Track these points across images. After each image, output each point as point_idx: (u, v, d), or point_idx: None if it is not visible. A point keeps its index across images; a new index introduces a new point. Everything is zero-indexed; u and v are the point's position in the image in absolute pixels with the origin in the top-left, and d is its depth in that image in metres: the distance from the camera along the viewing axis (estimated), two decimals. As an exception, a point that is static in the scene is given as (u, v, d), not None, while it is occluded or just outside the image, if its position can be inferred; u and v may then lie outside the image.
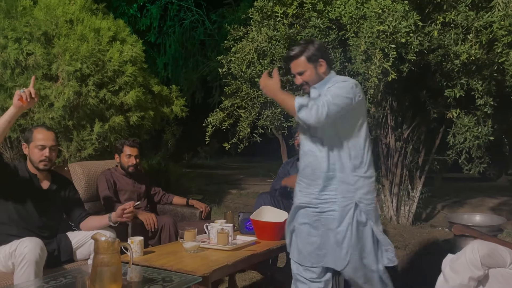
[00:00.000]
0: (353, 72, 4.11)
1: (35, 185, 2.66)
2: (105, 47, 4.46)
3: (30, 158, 2.65)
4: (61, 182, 2.84)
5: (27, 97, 2.29)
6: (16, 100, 2.29)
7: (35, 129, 2.67)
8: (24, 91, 2.29)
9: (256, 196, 4.94)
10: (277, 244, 2.90)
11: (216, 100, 10.10)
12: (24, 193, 2.60)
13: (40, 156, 2.62)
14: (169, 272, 2.25)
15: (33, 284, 2.13)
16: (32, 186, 2.65)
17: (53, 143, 2.68)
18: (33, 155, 2.63)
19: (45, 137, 2.65)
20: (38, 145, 2.62)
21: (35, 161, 2.63)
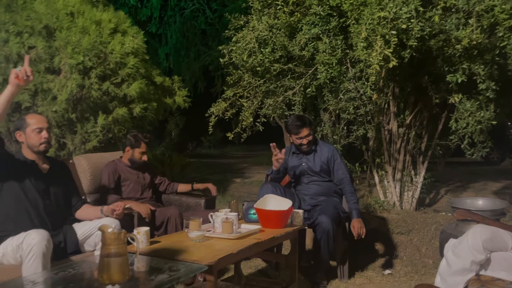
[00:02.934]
0: (354, 59, 4.11)
1: (35, 170, 2.69)
2: (107, 39, 4.47)
3: (28, 143, 2.67)
4: (58, 165, 2.90)
5: (23, 75, 2.31)
6: (12, 78, 2.32)
7: (26, 116, 2.71)
8: (20, 69, 2.31)
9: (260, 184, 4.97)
10: (281, 232, 2.93)
11: (219, 89, 10.09)
12: (27, 179, 2.63)
13: (39, 139, 2.66)
14: (175, 262, 2.27)
15: (42, 276, 2.16)
16: (33, 171, 2.68)
17: (48, 125, 2.73)
18: (31, 140, 2.66)
19: (39, 120, 2.70)
20: (36, 129, 2.65)
21: (34, 145, 2.66)
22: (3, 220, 2.57)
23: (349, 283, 3.44)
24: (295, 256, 3.15)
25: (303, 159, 3.64)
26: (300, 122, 3.52)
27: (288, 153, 3.68)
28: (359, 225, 3.33)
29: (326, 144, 3.71)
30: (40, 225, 2.52)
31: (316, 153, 3.63)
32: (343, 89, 4.23)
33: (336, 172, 3.59)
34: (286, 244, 3.87)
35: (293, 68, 4.53)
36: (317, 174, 3.61)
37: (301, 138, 3.52)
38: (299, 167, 3.65)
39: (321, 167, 3.60)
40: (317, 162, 3.60)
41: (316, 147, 3.64)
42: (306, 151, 3.60)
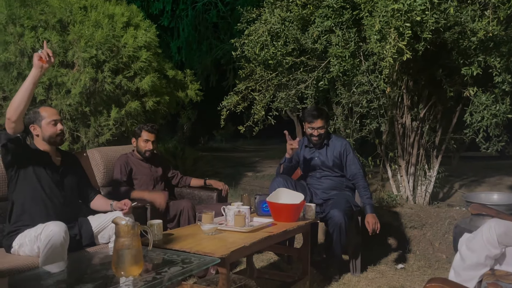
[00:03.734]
0: (368, 52, 4.07)
1: (49, 162, 2.73)
2: (119, 33, 4.49)
3: (44, 136, 2.70)
4: (70, 158, 2.94)
5: (45, 57, 2.36)
6: (36, 60, 2.37)
7: (39, 109, 2.74)
8: (41, 51, 2.37)
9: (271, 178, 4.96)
10: (294, 226, 2.93)
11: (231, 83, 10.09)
12: (43, 171, 2.67)
13: (55, 131, 2.70)
14: (188, 254, 2.29)
15: (59, 267, 2.19)
16: (47, 163, 2.71)
17: (60, 117, 2.78)
18: (47, 132, 2.69)
19: (53, 112, 2.74)
20: (51, 121, 2.69)
21: (51, 137, 2.70)
22: (20, 212, 2.60)
23: (362, 277, 3.43)
24: (307, 250, 3.15)
25: (316, 153, 3.63)
26: (316, 112, 3.54)
27: (300, 146, 3.67)
28: (374, 221, 3.32)
29: (339, 139, 3.70)
30: (56, 217, 2.55)
31: (329, 147, 3.62)
32: (356, 82, 4.20)
33: (349, 167, 3.57)
34: (298, 237, 3.87)
35: (306, 61, 4.50)
36: (330, 169, 3.60)
37: (313, 128, 3.53)
38: (312, 161, 3.64)
39: (334, 162, 3.59)
40: (329, 156, 3.59)
41: (329, 141, 3.63)
42: (316, 144, 3.59)
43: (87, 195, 2.94)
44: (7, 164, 2.61)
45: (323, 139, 3.60)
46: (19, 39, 4.23)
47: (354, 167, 3.56)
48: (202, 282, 2.91)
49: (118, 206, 2.80)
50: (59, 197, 2.70)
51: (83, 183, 2.94)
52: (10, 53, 4.21)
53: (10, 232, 2.59)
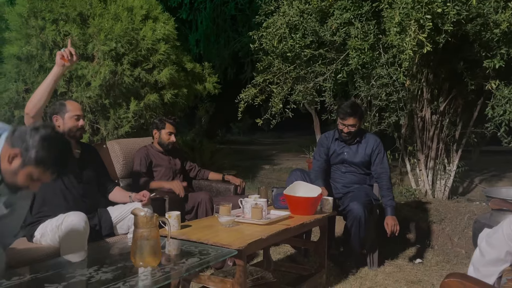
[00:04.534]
0: (387, 44, 4.02)
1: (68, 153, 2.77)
2: (138, 25, 4.52)
3: (65, 128, 2.75)
4: (89, 150, 2.99)
5: (67, 56, 2.39)
6: (58, 59, 2.41)
7: (66, 101, 2.79)
8: (64, 50, 2.40)
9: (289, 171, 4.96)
10: (311, 219, 2.93)
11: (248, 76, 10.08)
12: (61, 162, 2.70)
13: (76, 126, 2.76)
14: (206, 246, 2.31)
15: (79, 256, 2.23)
16: None
17: (83, 113, 2.84)
18: (68, 125, 2.74)
19: (78, 107, 2.80)
20: (74, 116, 2.75)
21: (71, 130, 2.75)
22: (41, 202, 2.66)
23: (379, 271, 3.42)
24: (324, 243, 3.15)
25: (346, 148, 3.57)
26: (350, 110, 3.43)
27: (331, 139, 3.63)
28: (393, 223, 3.30)
29: (373, 136, 3.61)
30: (75, 208, 2.59)
31: (360, 144, 3.55)
32: (375, 75, 4.16)
33: (377, 166, 3.51)
34: (315, 230, 3.87)
35: (324, 53, 4.47)
36: (356, 166, 3.55)
37: (344, 125, 3.46)
38: (340, 156, 3.59)
39: (363, 159, 3.52)
40: (359, 153, 3.53)
41: (361, 139, 3.56)
42: (346, 140, 3.54)
43: (105, 187, 2.99)
44: None
45: (354, 136, 3.53)
46: (41, 32, 4.29)
47: (382, 167, 3.50)
48: (219, 273, 2.93)
49: (137, 198, 2.84)
50: (78, 189, 2.75)
51: (102, 175, 2.98)
52: (32, 46, 4.27)
53: (32, 222, 2.65)
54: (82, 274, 1.92)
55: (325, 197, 3.15)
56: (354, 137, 3.52)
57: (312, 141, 8.01)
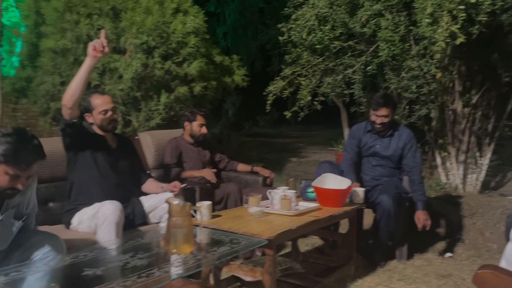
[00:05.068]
0: (418, 36, 3.97)
1: (105, 145, 2.87)
2: (169, 19, 4.59)
3: (96, 124, 2.83)
4: (125, 141, 3.07)
5: (100, 47, 2.45)
6: (91, 50, 2.46)
7: (90, 97, 2.83)
8: (96, 41, 2.45)
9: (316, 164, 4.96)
10: (339, 211, 2.94)
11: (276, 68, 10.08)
12: (99, 154, 2.80)
13: (106, 120, 2.81)
14: (236, 235, 2.35)
15: (115, 243, 2.31)
16: (103, 147, 2.85)
17: (112, 105, 2.87)
18: (99, 121, 2.82)
19: (104, 101, 2.83)
20: (101, 111, 2.80)
21: (103, 125, 2.83)
22: (78, 191, 2.75)
23: (408, 264, 3.40)
24: (353, 235, 3.16)
25: (378, 141, 3.51)
26: (383, 100, 3.38)
27: (362, 130, 3.58)
28: (424, 217, 3.27)
29: (406, 130, 3.54)
30: (111, 198, 2.67)
31: (393, 137, 3.49)
32: (405, 67, 4.11)
33: (409, 159, 3.45)
34: (343, 223, 3.88)
35: (354, 45, 4.44)
36: (387, 159, 3.50)
37: (377, 116, 3.40)
38: (371, 148, 3.54)
39: (394, 152, 3.47)
40: (391, 146, 3.48)
41: (394, 132, 3.49)
42: (379, 131, 3.48)
43: (139, 177, 3.06)
44: (66, 146, 2.76)
45: (388, 128, 3.47)
46: (75, 26, 4.42)
47: (413, 161, 3.44)
48: (248, 263, 2.98)
49: (168, 188, 2.91)
50: (113, 179, 2.83)
51: (136, 166, 3.06)
52: (67, 40, 4.40)
53: (69, 210, 2.75)
54: (118, 260, 1.99)
55: (356, 188, 3.15)
56: (387, 128, 3.47)
57: (339, 134, 7.97)
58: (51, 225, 2.75)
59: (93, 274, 1.81)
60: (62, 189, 2.92)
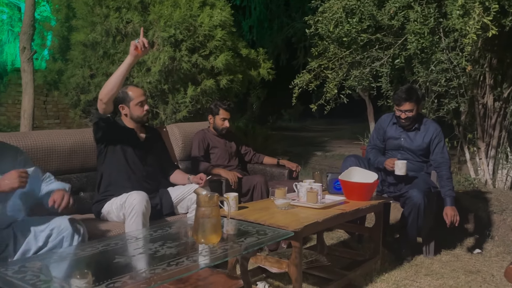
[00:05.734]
0: (449, 28, 3.89)
1: (134, 138, 2.93)
2: (196, 12, 4.61)
3: (132, 115, 2.89)
4: (154, 133, 3.12)
5: (141, 46, 2.50)
6: (132, 49, 2.52)
7: (127, 89, 2.90)
8: (138, 41, 2.51)
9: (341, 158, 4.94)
10: (366, 204, 2.93)
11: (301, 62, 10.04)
12: (128, 146, 2.86)
13: (142, 111, 2.89)
14: (263, 226, 2.37)
15: (142, 232, 2.36)
16: (132, 139, 2.91)
17: (146, 97, 2.95)
18: (135, 112, 2.88)
19: (140, 93, 2.92)
20: (138, 102, 2.87)
21: (138, 116, 2.89)
22: (108, 182, 2.82)
23: (435, 259, 3.36)
24: (380, 229, 3.14)
25: (403, 134, 3.48)
26: (405, 95, 3.34)
27: (388, 122, 3.55)
28: (453, 213, 3.23)
29: (433, 124, 3.50)
30: (138, 188, 2.73)
31: (419, 131, 3.45)
32: (434, 60, 4.03)
33: (436, 155, 3.40)
34: (369, 217, 3.86)
35: (381, 38, 4.38)
36: (413, 153, 3.46)
37: (401, 111, 3.37)
38: (397, 141, 3.51)
39: (421, 147, 3.43)
40: (417, 140, 3.44)
41: (420, 125, 3.45)
42: (404, 126, 3.45)
43: (167, 169, 3.12)
44: (98, 139, 2.83)
45: (413, 122, 3.43)
46: (105, 20, 4.49)
47: (441, 156, 3.38)
48: (274, 255, 3.00)
49: (194, 180, 2.95)
50: (142, 171, 2.88)
51: (164, 158, 3.11)
52: (97, 33, 4.48)
53: (99, 200, 2.81)
54: (148, 248, 2.04)
55: (398, 161, 3.24)
56: (412, 122, 3.43)
57: (365, 128, 7.89)
58: (81, 214, 2.83)
59: (125, 262, 1.86)
60: (92, 179, 3.01)
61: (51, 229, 2.14)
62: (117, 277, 1.64)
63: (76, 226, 2.17)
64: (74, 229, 2.16)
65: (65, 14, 5.19)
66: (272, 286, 2.82)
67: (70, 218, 2.19)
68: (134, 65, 2.67)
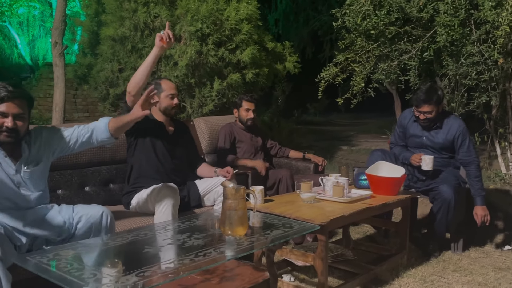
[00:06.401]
0: (480, 20, 3.80)
1: (163, 131, 2.97)
2: (223, 6, 4.63)
3: (161, 107, 2.94)
4: (182, 126, 3.16)
5: (166, 38, 2.53)
6: (158, 41, 2.55)
7: (160, 81, 2.96)
8: (163, 32, 2.53)
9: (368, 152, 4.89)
10: (393, 199, 2.90)
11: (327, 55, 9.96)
12: (157, 139, 2.91)
13: (171, 104, 2.94)
14: (288, 219, 2.38)
15: (171, 223, 2.40)
16: (161, 132, 2.96)
17: (177, 92, 2.99)
18: (164, 104, 2.93)
19: (172, 86, 2.97)
20: (169, 95, 2.93)
21: (167, 108, 2.94)
22: (137, 175, 2.87)
23: (463, 255, 3.31)
24: (407, 224, 3.11)
25: (425, 132, 3.37)
26: (425, 96, 3.19)
27: (408, 119, 3.46)
28: (483, 213, 3.17)
29: (456, 121, 3.32)
30: (167, 181, 2.78)
31: (440, 130, 3.32)
32: (465, 52, 3.95)
33: (463, 155, 3.28)
34: (395, 212, 3.82)
35: (410, 30, 4.32)
36: (437, 151, 3.36)
37: (420, 112, 3.26)
38: (419, 139, 3.41)
39: (443, 145, 3.33)
40: (439, 138, 3.33)
41: (442, 124, 3.32)
42: (424, 127, 3.35)
43: (194, 162, 3.16)
44: (127, 132, 2.88)
45: (433, 122, 3.31)
46: (133, 15, 4.55)
47: (468, 155, 3.27)
48: (299, 248, 3.01)
49: (221, 173, 2.98)
50: (170, 163, 2.93)
51: (192, 151, 3.15)
52: (125, 28, 4.55)
53: (128, 192, 2.87)
54: (176, 239, 2.07)
55: (424, 156, 3.18)
56: (432, 122, 3.31)
57: (392, 123, 7.79)
58: (111, 205, 2.89)
59: (153, 252, 1.90)
60: (121, 171, 3.07)
61: (79, 216, 2.20)
62: (146, 266, 1.67)
63: (104, 214, 2.23)
64: (102, 217, 2.21)
65: (94, 9, 5.29)
66: (297, 279, 2.83)
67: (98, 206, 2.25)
68: (160, 57, 2.69)
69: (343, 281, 2.77)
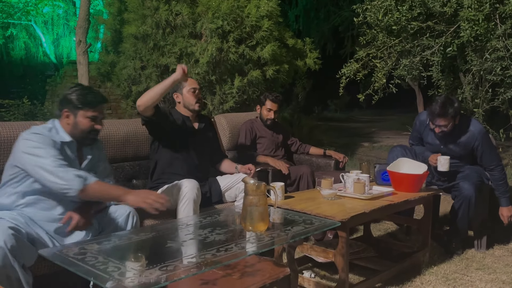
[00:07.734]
0: (505, 14, 3.72)
1: (189, 125, 3.01)
2: (243, 3, 4.65)
3: (185, 103, 2.98)
4: (207, 122, 3.19)
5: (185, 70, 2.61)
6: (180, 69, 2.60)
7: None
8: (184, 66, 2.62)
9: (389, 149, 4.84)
10: (415, 196, 2.87)
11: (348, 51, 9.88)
12: (181, 135, 2.95)
13: (194, 98, 2.97)
14: (309, 216, 2.38)
15: (193, 219, 2.44)
16: (187, 128, 3.00)
17: (199, 86, 3.04)
18: (188, 100, 2.97)
19: (192, 81, 3.01)
20: (190, 89, 2.96)
21: (191, 104, 2.97)
22: (161, 171, 2.92)
23: (487, 253, 3.26)
24: (429, 221, 3.08)
25: (441, 140, 3.26)
26: (440, 110, 3.01)
27: (424, 125, 3.33)
28: (509, 214, 3.14)
29: (475, 127, 3.15)
30: (189, 177, 2.80)
31: (459, 139, 3.18)
32: (489, 48, 3.88)
33: (485, 161, 3.18)
34: (417, 210, 3.78)
35: (433, 26, 4.25)
36: (457, 159, 3.26)
37: (435, 125, 3.13)
38: (436, 147, 3.31)
39: (462, 152, 3.21)
40: (457, 148, 3.21)
41: (460, 132, 3.16)
42: (441, 138, 3.24)
43: (216, 158, 3.19)
44: (150, 132, 2.93)
45: (449, 133, 3.15)
46: (155, 12, 4.61)
47: (491, 160, 3.17)
48: (320, 245, 3.01)
49: (242, 170, 3.00)
50: (194, 159, 2.97)
51: (214, 147, 3.18)
52: (147, 26, 4.61)
53: (152, 187, 2.92)
54: (198, 234, 2.10)
55: (441, 157, 3.12)
56: (448, 133, 3.16)
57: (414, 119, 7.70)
58: (134, 200, 2.94)
59: (176, 247, 1.93)
60: (144, 167, 3.12)
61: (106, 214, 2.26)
62: (169, 261, 1.70)
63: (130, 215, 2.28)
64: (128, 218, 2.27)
65: (117, 8, 5.37)
66: (318, 275, 2.84)
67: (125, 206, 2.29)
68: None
69: (364, 278, 2.76)
